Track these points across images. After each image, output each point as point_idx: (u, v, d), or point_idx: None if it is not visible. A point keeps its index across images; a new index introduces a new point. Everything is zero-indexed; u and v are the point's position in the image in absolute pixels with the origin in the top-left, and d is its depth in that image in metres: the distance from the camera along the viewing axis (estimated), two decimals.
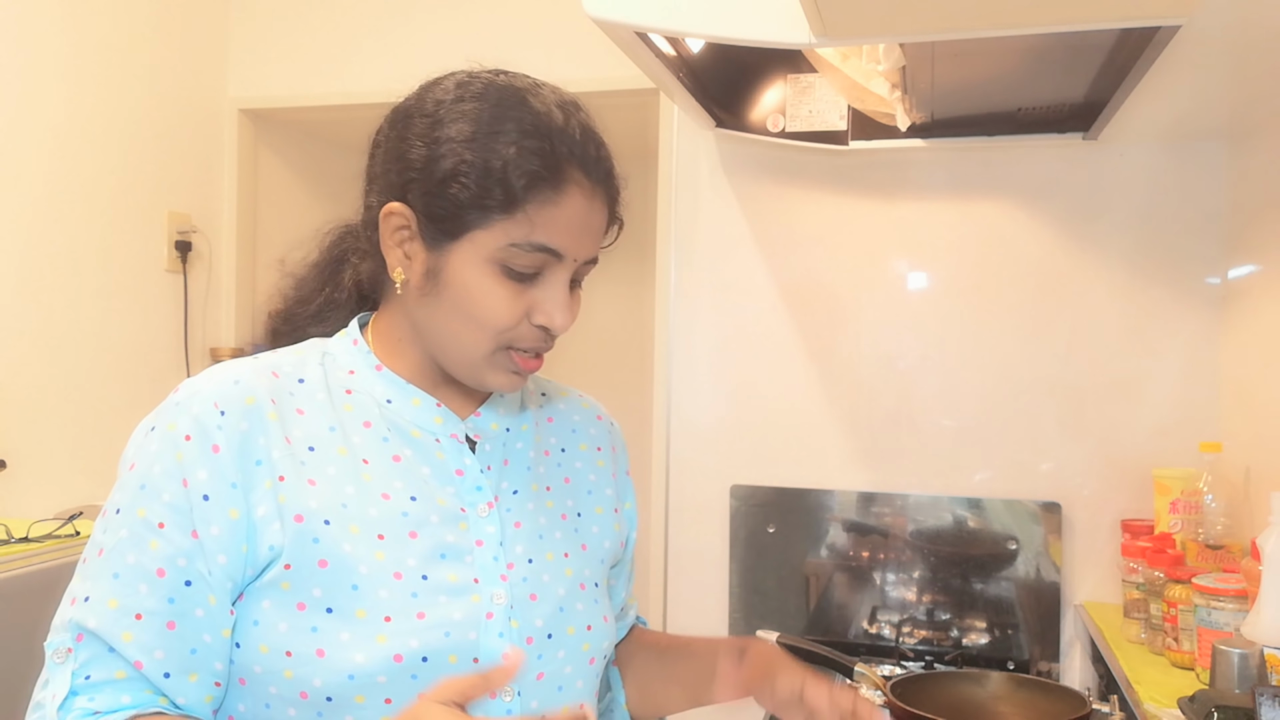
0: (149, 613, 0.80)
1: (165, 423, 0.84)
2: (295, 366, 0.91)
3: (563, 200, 0.86)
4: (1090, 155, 1.94)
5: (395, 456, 0.89)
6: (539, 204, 0.85)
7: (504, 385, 0.91)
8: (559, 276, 0.88)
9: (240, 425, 0.84)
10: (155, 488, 0.82)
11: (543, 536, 0.94)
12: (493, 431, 0.96)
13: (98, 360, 2.43)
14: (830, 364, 2.08)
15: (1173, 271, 1.92)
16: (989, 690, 1.51)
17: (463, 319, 0.87)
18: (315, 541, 0.83)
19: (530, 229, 0.85)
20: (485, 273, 0.86)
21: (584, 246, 0.89)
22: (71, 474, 2.30)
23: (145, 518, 0.81)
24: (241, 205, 2.83)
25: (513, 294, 0.86)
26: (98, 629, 0.79)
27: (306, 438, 0.87)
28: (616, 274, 3.92)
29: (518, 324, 0.88)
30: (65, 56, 2.35)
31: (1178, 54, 1.27)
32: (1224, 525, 1.65)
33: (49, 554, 1.73)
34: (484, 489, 0.92)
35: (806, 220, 2.09)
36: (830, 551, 2.04)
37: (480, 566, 0.88)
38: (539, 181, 0.84)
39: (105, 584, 0.80)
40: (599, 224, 0.90)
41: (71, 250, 2.37)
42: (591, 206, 0.88)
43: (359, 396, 0.91)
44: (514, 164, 0.84)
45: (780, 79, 1.92)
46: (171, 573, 0.80)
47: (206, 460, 0.82)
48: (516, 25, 2.59)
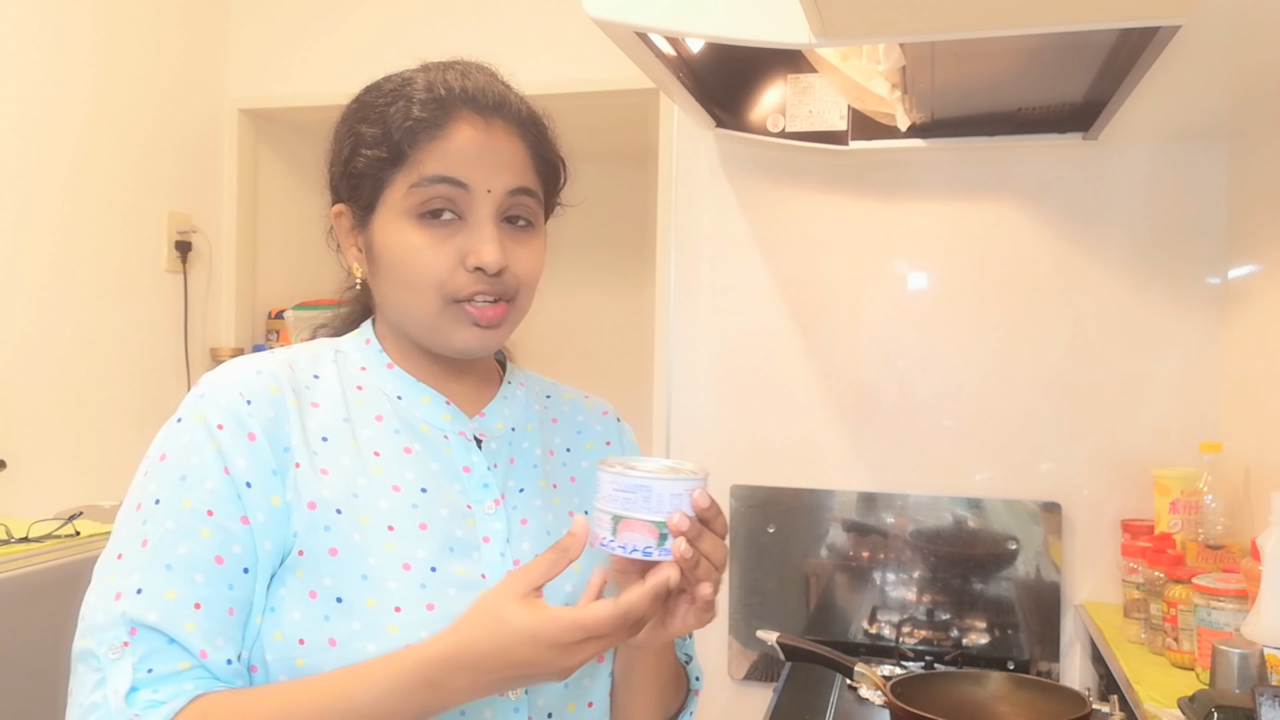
0: (208, 601, 0.80)
1: (194, 414, 0.85)
2: (310, 362, 0.93)
3: (449, 133, 0.88)
4: (1090, 155, 1.94)
5: (406, 449, 0.91)
6: (425, 145, 0.88)
7: (470, 341, 0.90)
8: (478, 213, 0.89)
9: (268, 413, 0.85)
10: (197, 477, 0.82)
11: (550, 533, 0.94)
12: (498, 431, 0.97)
13: (98, 360, 2.43)
14: (830, 364, 2.08)
15: (1173, 271, 1.92)
16: (989, 690, 1.51)
17: (402, 283, 0.89)
18: (327, 529, 0.84)
19: (423, 167, 0.88)
20: (402, 228, 0.88)
21: (491, 175, 0.89)
22: (71, 474, 2.30)
23: (193, 508, 0.81)
24: (241, 205, 2.83)
25: (434, 240, 0.88)
26: (158, 622, 0.78)
27: (320, 429, 0.88)
28: (616, 274, 3.93)
29: (452, 272, 0.88)
30: (65, 57, 2.35)
31: (1178, 54, 1.27)
32: (1224, 525, 1.65)
33: (49, 554, 1.72)
34: (490, 486, 0.93)
35: (806, 220, 2.09)
36: (830, 551, 2.04)
37: (487, 562, 0.89)
38: (419, 125, 0.88)
39: (158, 575, 0.80)
40: (507, 151, 0.90)
41: (72, 250, 2.37)
42: (490, 135, 0.90)
43: (370, 392, 0.93)
44: (394, 120, 0.89)
45: (780, 79, 1.92)
46: (230, 560, 0.81)
47: (244, 448, 0.83)
48: (516, 25, 2.59)
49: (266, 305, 2.96)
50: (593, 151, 4.06)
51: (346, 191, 0.93)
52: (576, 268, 3.85)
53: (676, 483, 0.78)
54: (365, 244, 0.93)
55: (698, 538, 0.79)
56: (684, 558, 0.78)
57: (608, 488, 0.80)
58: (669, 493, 0.78)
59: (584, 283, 3.84)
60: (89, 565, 0.85)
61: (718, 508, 0.82)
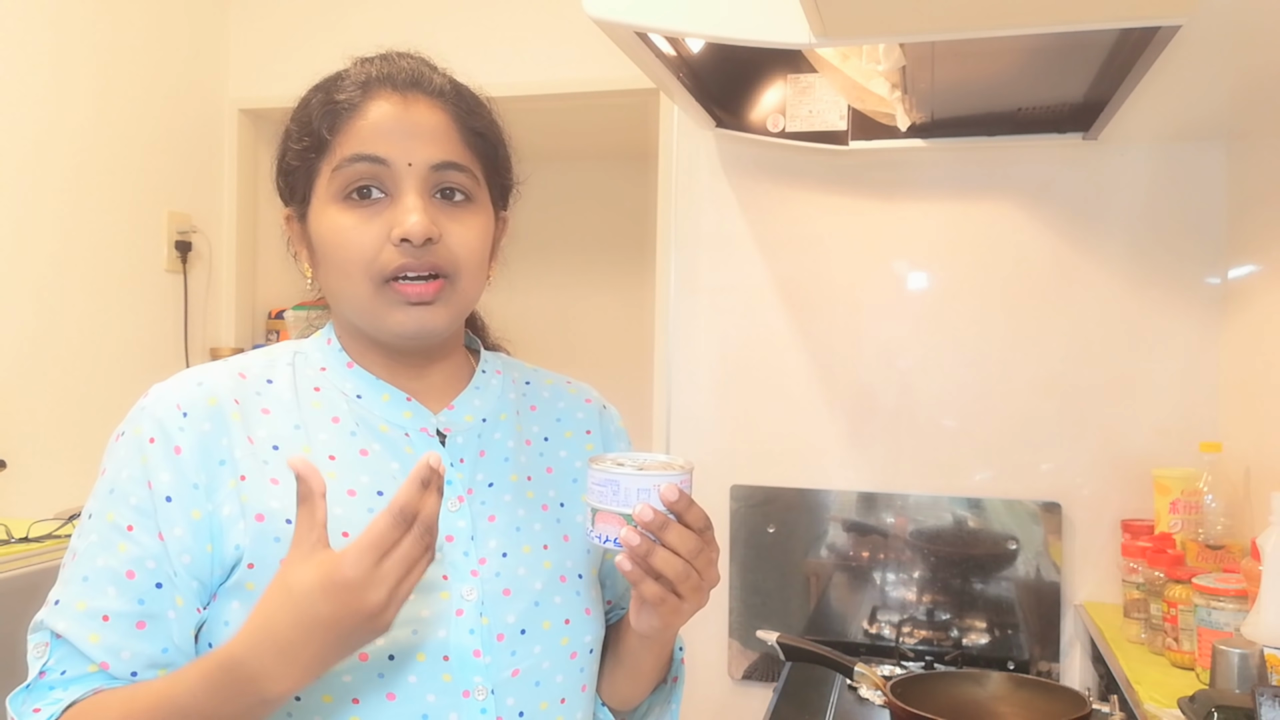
0: (116, 614, 0.81)
1: (132, 427, 0.85)
2: (264, 368, 0.92)
3: (366, 112, 0.88)
4: (1090, 155, 1.94)
5: (363, 451, 0.89)
6: (343, 127, 0.88)
7: (405, 322, 0.87)
8: (403, 186, 0.87)
9: (202, 426, 0.85)
10: (123, 491, 0.83)
11: (520, 529, 0.92)
12: (466, 424, 0.95)
13: (98, 360, 2.43)
14: (830, 364, 2.08)
15: (1173, 271, 1.92)
16: (989, 690, 1.51)
17: (335, 268, 0.88)
18: (277, 540, 0.83)
19: (342, 149, 0.88)
20: (330, 212, 0.88)
21: (415, 148, 0.87)
22: (71, 474, 2.30)
23: (114, 521, 0.83)
24: (241, 205, 2.84)
25: (361, 219, 0.87)
26: (66, 632, 0.80)
27: (271, 437, 0.87)
28: (616, 274, 3.93)
29: (379, 250, 0.86)
30: (65, 57, 2.35)
31: (1178, 54, 1.27)
32: (1224, 525, 1.65)
33: (49, 554, 1.73)
34: (454, 483, 0.90)
35: (806, 220, 2.09)
36: (830, 551, 2.04)
37: (450, 563, 0.87)
38: (337, 111, 0.88)
39: (75, 587, 0.82)
40: (427, 124, 0.89)
41: (72, 250, 2.37)
42: (408, 109, 0.88)
43: (328, 393, 0.92)
44: (315, 111, 0.90)
45: (780, 79, 1.92)
46: (141, 575, 0.82)
47: (169, 462, 0.83)
48: (517, 26, 2.60)
49: (266, 305, 2.96)
50: (593, 151, 4.06)
51: (286, 192, 0.94)
52: (576, 267, 3.85)
53: (644, 478, 0.81)
54: (306, 238, 0.92)
55: (661, 528, 0.80)
56: (629, 543, 0.80)
57: (590, 481, 0.83)
58: (635, 487, 0.81)
59: (584, 282, 3.84)
60: None
61: (689, 501, 0.82)
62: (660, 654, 0.98)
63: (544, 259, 3.87)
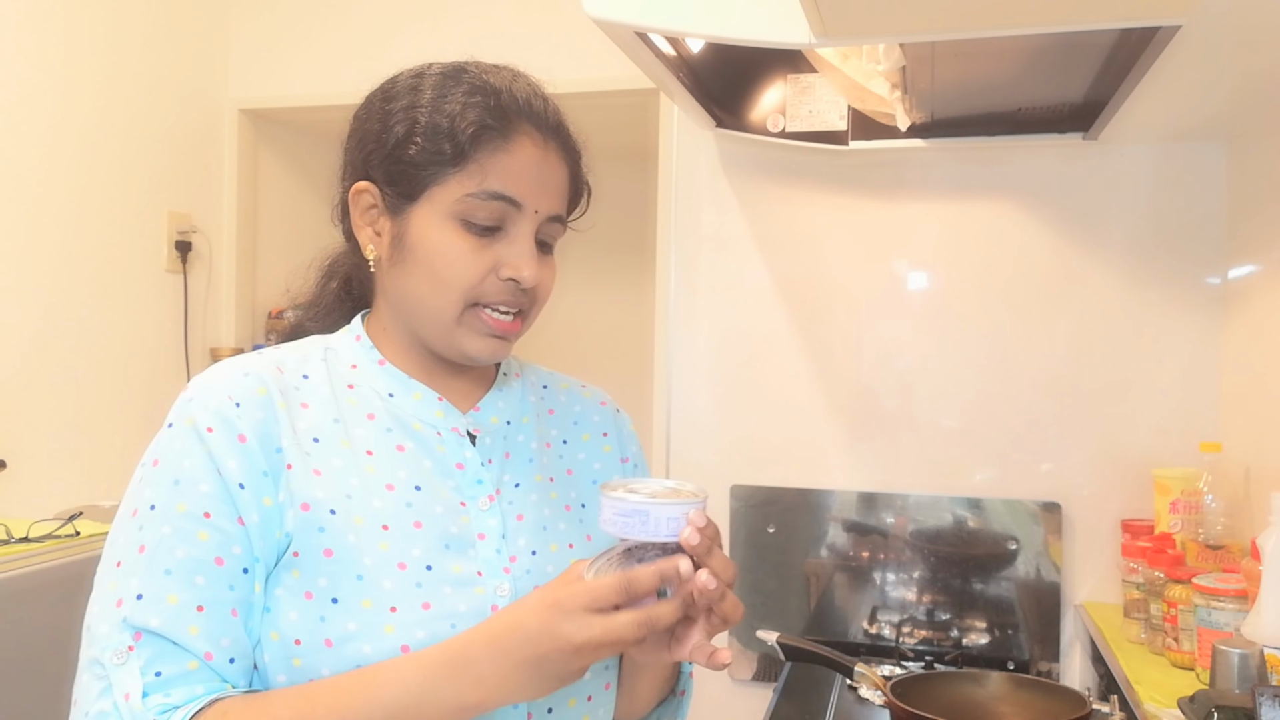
0: (211, 603, 0.80)
1: (183, 419, 0.85)
2: (299, 362, 0.93)
3: (513, 149, 0.89)
4: (1090, 155, 1.94)
5: (399, 447, 0.90)
6: (489, 153, 0.88)
7: (482, 350, 0.91)
8: (521, 229, 0.90)
9: (256, 414, 0.85)
10: (191, 480, 0.82)
11: (546, 528, 0.94)
12: (493, 425, 0.97)
13: (98, 360, 2.43)
14: (830, 364, 2.08)
15: (1173, 271, 1.92)
16: (989, 690, 1.51)
17: (430, 280, 0.89)
18: (321, 530, 0.84)
19: (484, 178, 0.88)
20: (446, 228, 0.88)
21: (543, 198, 0.90)
22: (71, 474, 2.30)
23: (188, 511, 0.81)
24: (241, 205, 2.83)
25: (475, 248, 0.88)
26: (160, 627, 0.78)
27: (311, 430, 0.88)
28: (616, 274, 3.93)
29: (483, 279, 0.89)
30: (65, 57, 2.35)
31: (1178, 54, 1.27)
32: (1224, 525, 1.65)
33: (49, 554, 1.72)
34: (485, 482, 0.92)
35: (806, 220, 2.09)
36: (830, 551, 2.04)
37: (483, 560, 0.89)
38: (486, 131, 0.88)
39: (158, 580, 0.80)
40: (557, 178, 0.92)
41: (72, 250, 2.37)
42: (546, 158, 0.91)
43: (361, 390, 0.93)
44: (460, 118, 0.88)
45: (780, 79, 1.92)
46: (229, 561, 0.81)
47: (235, 450, 0.83)
48: (517, 26, 2.60)
49: (266, 305, 2.96)
50: (593, 151, 4.06)
51: (383, 174, 0.91)
52: (576, 267, 3.85)
53: (674, 506, 0.80)
54: (396, 231, 0.91)
55: (707, 554, 0.80)
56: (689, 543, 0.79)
57: (608, 511, 0.81)
58: (666, 517, 0.80)
59: (584, 282, 3.84)
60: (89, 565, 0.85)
61: (716, 528, 0.83)
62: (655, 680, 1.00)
63: None
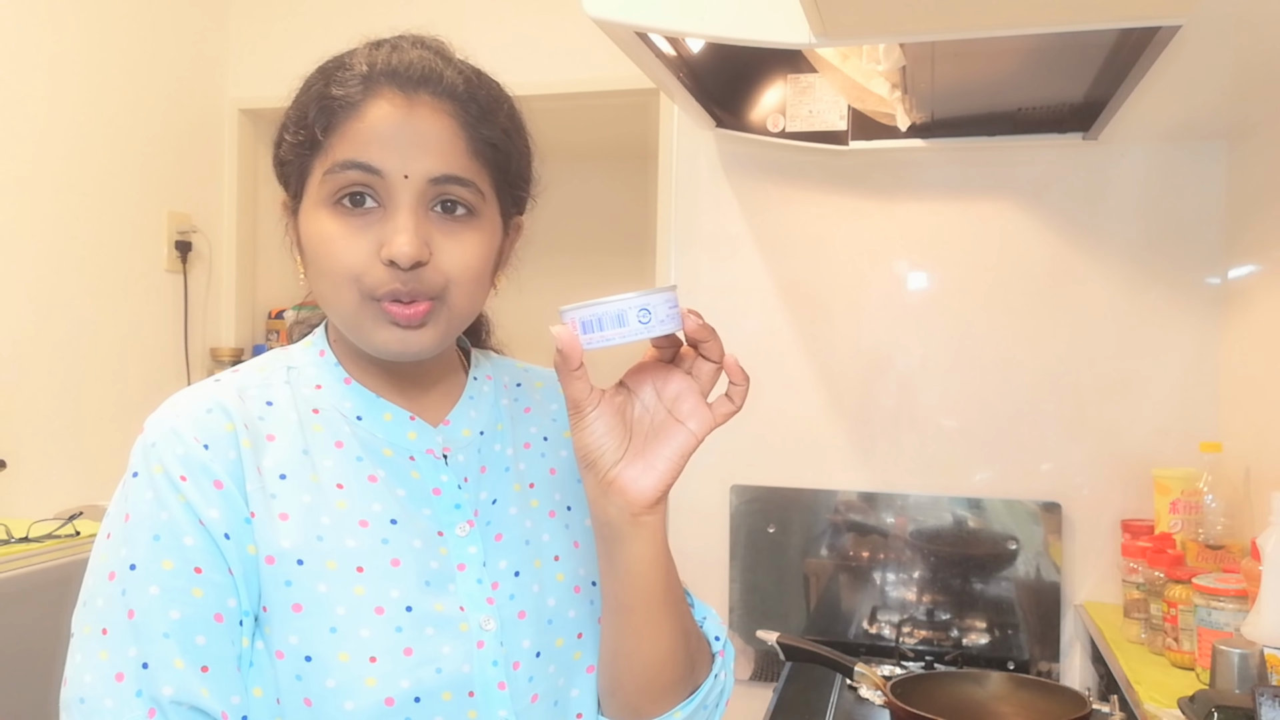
0: (216, 661, 0.76)
1: (150, 466, 0.78)
2: (261, 387, 0.85)
3: (365, 114, 0.80)
4: (1090, 155, 1.94)
5: (371, 477, 0.84)
6: (339, 127, 0.81)
7: (389, 343, 0.81)
8: (397, 200, 0.79)
9: (229, 455, 0.79)
10: (172, 534, 0.76)
11: (529, 542, 0.88)
12: (465, 439, 0.90)
13: (98, 360, 2.43)
14: (830, 364, 2.08)
15: (1173, 271, 1.92)
16: (989, 690, 1.51)
17: (319, 275, 0.82)
18: (288, 585, 0.78)
19: (336, 152, 0.80)
20: (320, 216, 0.81)
21: (414, 159, 0.79)
22: (71, 474, 2.30)
23: (176, 568, 0.76)
24: (241, 205, 2.83)
25: (351, 229, 0.80)
26: (175, 695, 0.73)
27: (277, 465, 0.81)
28: (616, 274, 3.92)
29: (368, 265, 0.79)
30: (65, 57, 2.35)
31: (1178, 54, 1.27)
32: (1224, 525, 1.65)
33: (49, 554, 1.73)
34: (463, 506, 0.86)
35: (806, 220, 2.09)
36: (830, 551, 2.04)
37: (465, 594, 0.83)
38: (334, 107, 0.81)
39: (158, 646, 0.74)
40: (431, 132, 0.81)
41: (71, 250, 2.37)
42: (411, 114, 0.80)
43: (327, 415, 0.85)
44: (312, 104, 0.83)
45: (780, 79, 1.92)
46: (228, 615, 0.77)
47: (213, 498, 0.78)
48: (517, 26, 2.59)
49: (266, 305, 2.96)
50: (593, 151, 4.05)
51: (281, 182, 0.88)
52: (576, 268, 3.85)
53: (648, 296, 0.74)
54: (296, 236, 0.87)
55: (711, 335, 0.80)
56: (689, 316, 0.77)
57: (580, 329, 0.74)
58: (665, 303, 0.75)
59: (584, 283, 3.84)
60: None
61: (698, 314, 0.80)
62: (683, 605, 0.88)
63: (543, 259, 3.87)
